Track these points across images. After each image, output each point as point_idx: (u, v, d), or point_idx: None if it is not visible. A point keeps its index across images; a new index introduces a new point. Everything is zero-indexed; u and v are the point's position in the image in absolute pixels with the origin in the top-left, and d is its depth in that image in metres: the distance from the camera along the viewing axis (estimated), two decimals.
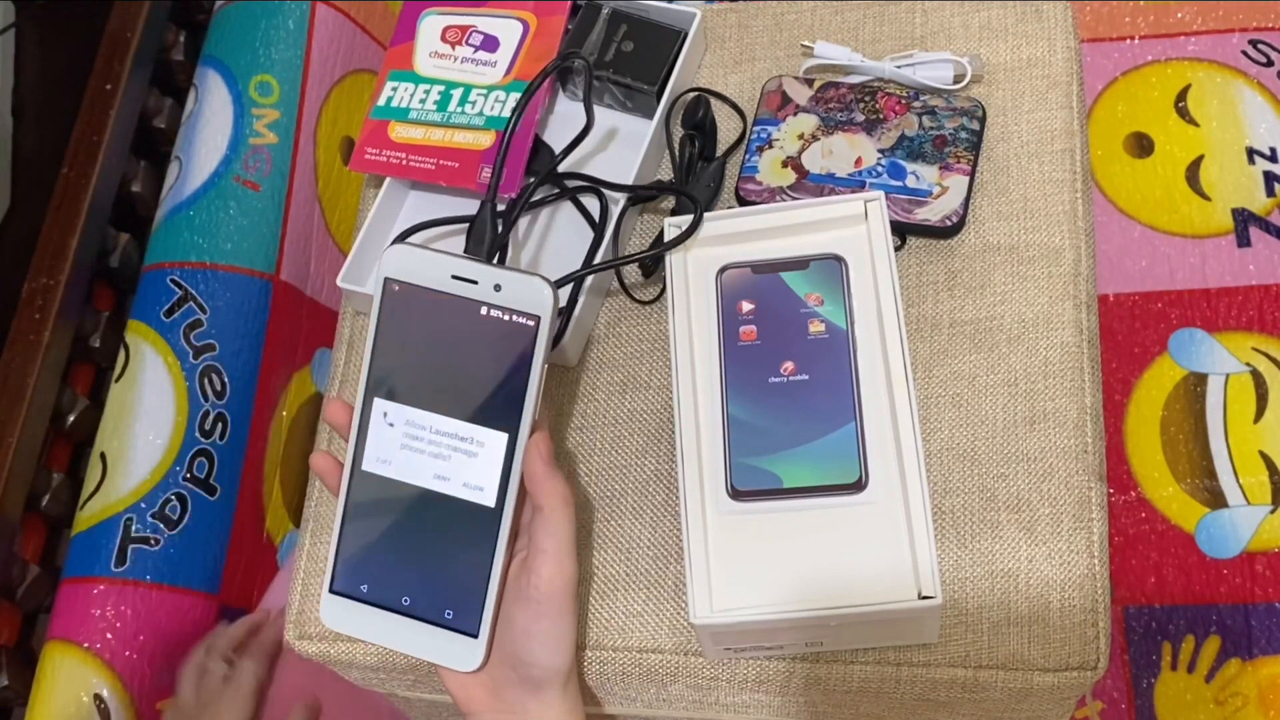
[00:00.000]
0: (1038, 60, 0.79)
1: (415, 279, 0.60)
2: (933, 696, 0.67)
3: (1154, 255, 1.31)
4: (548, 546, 0.59)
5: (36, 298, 1.03)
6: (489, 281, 0.59)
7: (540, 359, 0.59)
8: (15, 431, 0.97)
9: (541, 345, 0.59)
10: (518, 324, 0.59)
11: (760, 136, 0.78)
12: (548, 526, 0.59)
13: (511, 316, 0.59)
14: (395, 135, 0.80)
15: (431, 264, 0.60)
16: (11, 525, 0.98)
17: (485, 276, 0.60)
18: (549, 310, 0.59)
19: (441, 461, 0.60)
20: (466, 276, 0.60)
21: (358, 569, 0.62)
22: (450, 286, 0.60)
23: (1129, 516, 1.21)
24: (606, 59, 0.80)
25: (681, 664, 0.68)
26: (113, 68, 1.13)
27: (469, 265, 0.60)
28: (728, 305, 0.68)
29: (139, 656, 0.98)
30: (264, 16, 1.20)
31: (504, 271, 0.59)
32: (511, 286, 0.59)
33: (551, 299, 0.59)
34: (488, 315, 0.59)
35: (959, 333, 0.72)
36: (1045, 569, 0.66)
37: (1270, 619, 1.15)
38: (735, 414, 0.65)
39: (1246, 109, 1.36)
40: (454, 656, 0.61)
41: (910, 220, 0.74)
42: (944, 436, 0.70)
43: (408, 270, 0.60)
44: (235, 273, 1.12)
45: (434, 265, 0.60)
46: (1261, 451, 1.21)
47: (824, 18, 0.84)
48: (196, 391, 1.07)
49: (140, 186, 1.17)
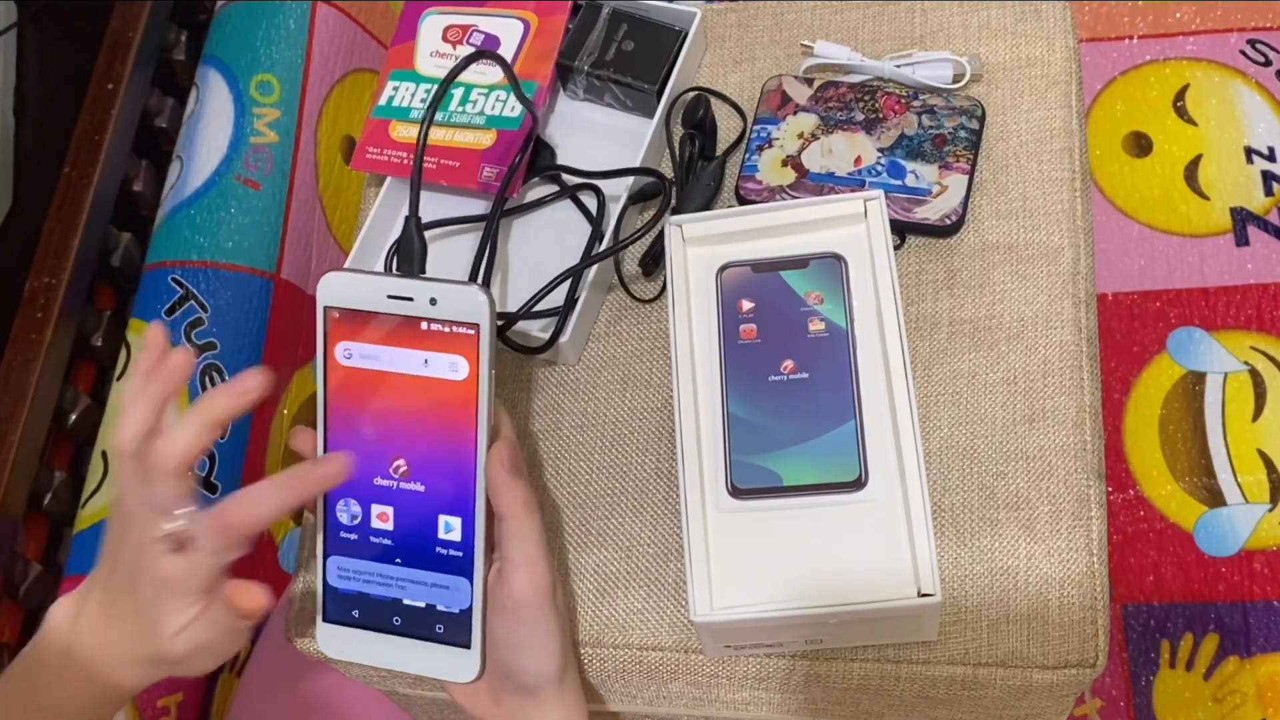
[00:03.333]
0: (1037, 60, 0.80)
1: (354, 304, 0.60)
2: (932, 694, 0.67)
3: (1152, 254, 1.31)
4: (515, 554, 0.59)
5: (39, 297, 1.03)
6: (424, 296, 0.59)
7: (486, 367, 0.59)
8: (17, 430, 0.97)
9: (485, 353, 0.59)
10: (459, 334, 0.59)
11: (760, 136, 0.79)
12: (512, 534, 0.59)
13: (451, 328, 0.59)
14: (396, 134, 0.80)
15: (368, 286, 0.60)
16: (14, 524, 0.98)
17: (419, 292, 0.59)
18: (487, 317, 0.58)
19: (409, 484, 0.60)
20: (401, 294, 0.59)
21: (346, 597, 0.62)
22: (388, 306, 0.59)
23: (1128, 515, 1.21)
24: (607, 58, 0.81)
25: (682, 661, 0.69)
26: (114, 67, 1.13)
27: (402, 283, 0.59)
28: (728, 304, 0.68)
29: None
30: (265, 16, 1.20)
31: (437, 284, 0.59)
32: (447, 298, 0.58)
33: (487, 305, 0.58)
34: (428, 330, 0.59)
35: (958, 331, 0.73)
36: (1044, 567, 0.66)
37: (1268, 617, 1.15)
38: (735, 412, 0.66)
39: (1245, 108, 1.36)
40: (452, 669, 0.61)
41: (910, 219, 0.74)
42: (943, 434, 0.70)
43: (345, 296, 0.60)
44: (236, 271, 1.12)
45: (370, 287, 0.59)
46: (1260, 450, 1.21)
47: (824, 17, 0.84)
48: (197, 390, 1.07)
49: (142, 186, 1.17)
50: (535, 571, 0.59)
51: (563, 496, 0.73)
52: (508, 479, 0.59)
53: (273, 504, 0.57)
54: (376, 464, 0.61)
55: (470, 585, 0.60)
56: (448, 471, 0.60)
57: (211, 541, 0.56)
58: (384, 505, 0.61)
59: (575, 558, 0.71)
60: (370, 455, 0.60)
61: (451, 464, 0.60)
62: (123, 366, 1.07)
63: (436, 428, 0.60)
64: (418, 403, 0.60)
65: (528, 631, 0.60)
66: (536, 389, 0.76)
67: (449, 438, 0.59)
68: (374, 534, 0.61)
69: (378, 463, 0.60)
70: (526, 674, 0.61)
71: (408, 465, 0.60)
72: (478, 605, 0.60)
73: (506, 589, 0.59)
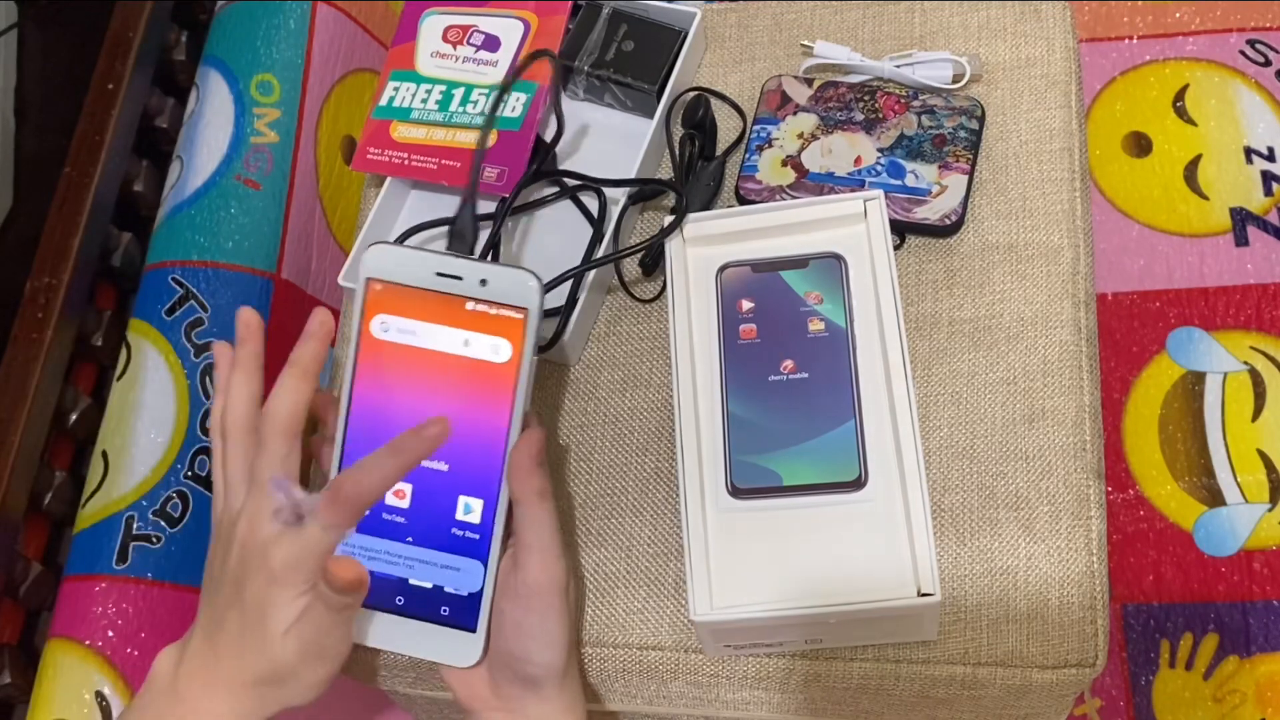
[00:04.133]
0: (1036, 60, 0.80)
1: (398, 278, 0.60)
2: (931, 693, 0.67)
3: (1152, 254, 1.31)
4: (532, 542, 0.59)
5: (39, 297, 1.03)
6: (475, 276, 0.59)
7: (529, 352, 0.59)
8: (18, 430, 0.97)
9: (530, 338, 0.59)
10: (505, 317, 0.59)
11: (760, 136, 0.79)
12: (528, 521, 0.59)
13: (498, 310, 0.59)
14: (397, 135, 0.80)
15: (415, 262, 0.60)
16: (14, 523, 0.98)
17: (471, 272, 0.59)
18: (537, 302, 0.59)
19: (431, 462, 0.60)
20: (451, 273, 0.59)
21: None
22: (434, 284, 0.60)
23: (1127, 514, 1.21)
24: (607, 58, 0.81)
25: (681, 661, 0.69)
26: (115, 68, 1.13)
27: (454, 261, 0.59)
28: (728, 303, 0.68)
29: (141, 654, 0.98)
30: (265, 16, 1.20)
31: (489, 266, 0.59)
32: (498, 280, 0.59)
33: (539, 291, 0.59)
34: (474, 310, 0.59)
35: (958, 331, 0.73)
36: (1044, 566, 0.67)
37: (1268, 616, 1.15)
38: (735, 412, 0.66)
39: (1244, 108, 1.36)
40: (453, 653, 0.61)
41: (909, 219, 0.74)
42: (943, 434, 0.70)
43: (390, 269, 0.60)
44: (236, 271, 1.12)
45: (418, 263, 0.60)
46: (1259, 450, 1.21)
47: (824, 17, 0.84)
48: (198, 389, 1.07)
49: (142, 186, 1.17)
50: (550, 559, 0.60)
51: (563, 495, 0.73)
52: (530, 466, 0.59)
53: (383, 474, 0.56)
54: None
55: (484, 568, 0.60)
56: (475, 453, 0.60)
57: (326, 517, 0.55)
58: (402, 482, 0.61)
59: (575, 557, 0.71)
60: (393, 430, 0.60)
61: (480, 446, 0.60)
62: (123, 366, 1.07)
63: (469, 408, 0.60)
64: (452, 382, 0.60)
65: (538, 619, 0.60)
66: (537, 388, 0.76)
67: (481, 419, 0.60)
68: (387, 510, 0.61)
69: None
70: (531, 663, 0.61)
71: None
72: (488, 589, 0.60)
73: (521, 574, 0.59)
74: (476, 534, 0.60)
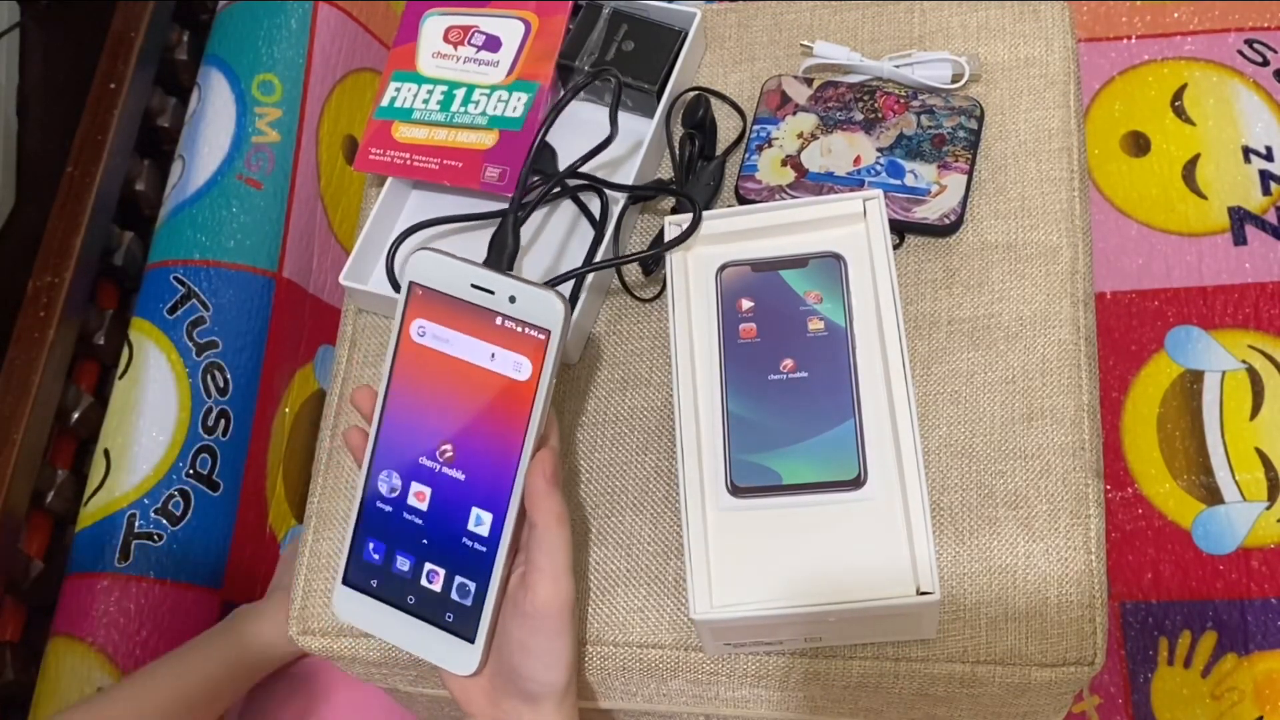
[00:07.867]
0: (1035, 59, 0.80)
1: (438, 285, 0.61)
2: (931, 691, 0.68)
3: (1151, 253, 1.32)
4: (544, 565, 0.59)
5: (41, 295, 1.04)
6: (505, 292, 0.60)
7: (549, 373, 0.59)
8: (20, 428, 0.98)
9: (551, 360, 0.59)
10: (530, 336, 0.60)
11: (760, 135, 0.79)
12: (543, 544, 0.60)
13: (524, 329, 0.60)
14: (399, 135, 0.80)
15: (454, 272, 0.61)
16: (17, 521, 0.98)
17: (501, 286, 0.60)
18: (560, 324, 0.59)
19: (451, 470, 0.61)
20: (484, 286, 0.60)
21: (369, 565, 0.63)
22: (469, 295, 0.61)
23: (1126, 513, 1.21)
24: (607, 59, 0.81)
25: (681, 659, 0.69)
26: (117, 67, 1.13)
27: (487, 275, 0.60)
28: (727, 303, 0.69)
29: (142, 652, 0.98)
30: (266, 16, 1.20)
31: (520, 283, 0.60)
32: (525, 298, 0.60)
33: (563, 313, 0.59)
34: (502, 326, 0.60)
35: (957, 330, 0.73)
36: (1043, 565, 0.67)
37: (1266, 614, 1.16)
38: (735, 411, 0.66)
39: (1242, 108, 1.36)
40: (452, 659, 0.61)
41: (909, 218, 0.75)
42: (942, 433, 0.70)
43: (432, 276, 0.61)
44: (238, 270, 1.12)
45: (457, 273, 0.61)
46: (1257, 448, 1.21)
47: (823, 17, 0.84)
48: (199, 388, 1.07)
49: (144, 185, 1.17)
50: (561, 584, 0.60)
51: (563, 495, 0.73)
52: (547, 489, 0.60)
53: None
54: (425, 443, 0.62)
55: (486, 581, 0.60)
56: (490, 466, 0.61)
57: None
58: (423, 485, 0.62)
59: (576, 556, 0.71)
60: (421, 433, 0.62)
61: (495, 459, 0.60)
62: (125, 365, 1.07)
63: (488, 421, 0.60)
64: (476, 393, 0.61)
65: (544, 641, 0.60)
66: None
67: (498, 434, 0.60)
68: (408, 510, 0.62)
69: (427, 442, 0.62)
70: (533, 681, 0.61)
71: (454, 451, 0.61)
72: (489, 603, 0.60)
73: (530, 596, 0.59)
74: (484, 546, 0.61)
